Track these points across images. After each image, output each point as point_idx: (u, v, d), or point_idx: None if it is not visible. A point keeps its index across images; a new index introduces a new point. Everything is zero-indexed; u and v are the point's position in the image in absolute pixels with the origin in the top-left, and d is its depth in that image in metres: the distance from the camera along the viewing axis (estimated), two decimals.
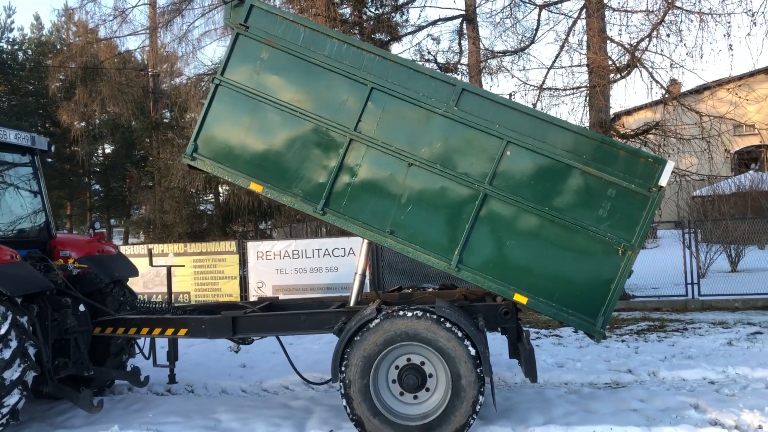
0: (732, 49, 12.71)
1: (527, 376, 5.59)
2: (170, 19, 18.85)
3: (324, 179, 5.81)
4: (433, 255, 5.68)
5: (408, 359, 5.55)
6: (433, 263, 5.69)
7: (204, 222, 19.93)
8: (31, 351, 5.81)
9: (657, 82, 13.07)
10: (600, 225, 5.48)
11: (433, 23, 16.75)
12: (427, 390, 5.55)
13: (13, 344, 5.59)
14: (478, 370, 5.30)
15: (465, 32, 16.24)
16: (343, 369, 5.46)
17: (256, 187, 5.93)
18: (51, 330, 6.25)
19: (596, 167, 5.48)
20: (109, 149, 37.68)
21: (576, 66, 14.56)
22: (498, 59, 15.96)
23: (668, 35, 12.80)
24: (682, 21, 12.70)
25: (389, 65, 5.78)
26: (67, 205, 36.10)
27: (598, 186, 5.50)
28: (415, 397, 5.55)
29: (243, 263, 14.50)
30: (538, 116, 5.75)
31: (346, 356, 5.47)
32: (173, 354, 6.89)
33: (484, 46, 16.29)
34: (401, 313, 5.45)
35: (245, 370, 8.54)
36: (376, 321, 5.45)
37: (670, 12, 12.64)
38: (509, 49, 15.97)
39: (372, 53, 5.83)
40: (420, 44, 20.82)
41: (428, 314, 5.41)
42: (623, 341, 9.54)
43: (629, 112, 19.28)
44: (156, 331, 6.50)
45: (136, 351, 7.42)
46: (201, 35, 19.30)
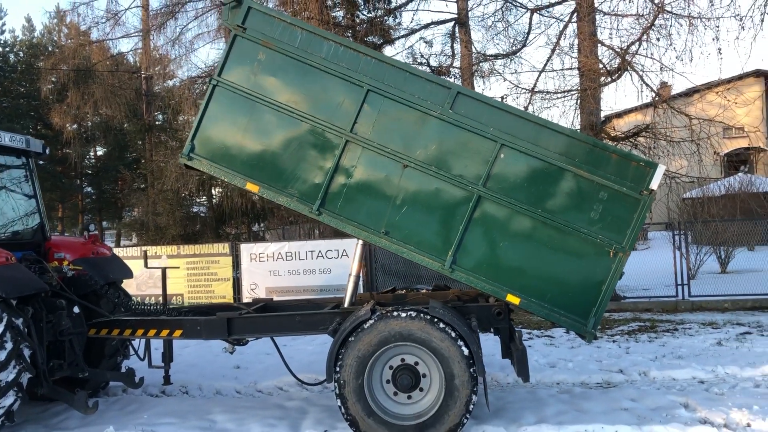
0: (721, 53, 12.86)
1: (520, 376, 5.63)
2: (163, 22, 18.82)
3: (320, 180, 5.85)
4: (428, 256, 5.73)
5: (402, 359, 5.59)
6: (428, 264, 5.74)
7: (197, 224, 19.85)
8: (27, 353, 5.82)
9: (647, 86, 13.21)
10: (592, 227, 5.55)
11: (426, 26, 16.82)
12: (421, 390, 5.59)
13: (9, 346, 5.61)
14: (471, 370, 5.35)
15: (457, 35, 16.33)
16: (338, 369, 5.50)
17: (253, 188, 5.96)
18: (46, 332, 6.26)
19: (588, 170, 5.55)
20: (102, 151, 37.54)
21: (567, 69, 14.69)
22: (490, 62, 16.07)
23: (658, 39, 12.96)
24: (672, 25, 12.86)
25: (385, 68, 5.83)
26: (59, 208, 35.96)
27: (590, 189, 5.57)
28: (409, 397, 5.59)
29: (236, 265, 14.48)
30: (532, 119, 5.82)
31: (341, 357, 5.51)
32: (168, 355, 6.89)
33: (476, 50, 16.39)
34: (395, 314, 5.50)
35: (239, 372, 8.56)
36: (371, 322, 5.49)
37: (660, 16, 12.77)
38: (501, 53, 16.09)
39: (368, 56, 5.88)
40: (412, 47, 20.84)
41: (422, 315, 5.46)
42: (614, 342, 9.62)
43: (620, 115, 19.46)
44: (151, 333, 6.51)
45: (131, 352, 7.42)
46: (194, 38, 19.23)
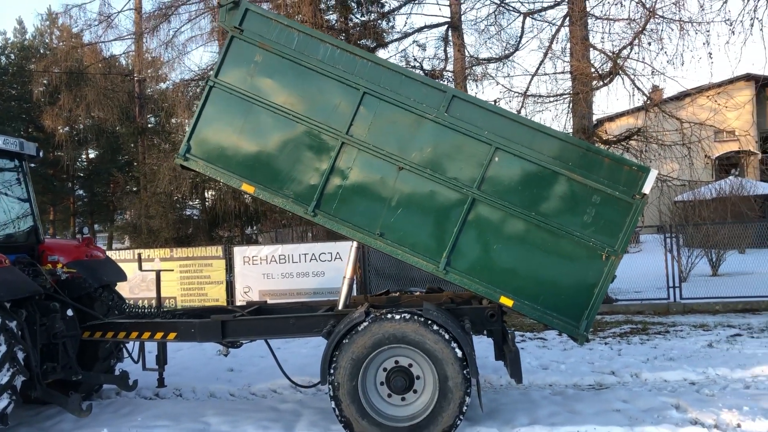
0: (711, 57, 13.09)
1: (513, 378, 5.66)
2: (156, 25, 18.79)
3: (315, 181, 5.87)
4: (422, 258, 5.75)
5: (396, 361, 5.61)
6: (422, 266, 5.76)
7: (190, 227, 19.81)
8: (20, 355, 5.79)
9: (639, 89, 13.33)
10: (584, 230, 5.59)
11: (419, 30, 16.91)
12: (415, 392, 5.60)
13: (2, 349, 5.59)
14: (465, 372, 5.38)
15: (450, 39, 16.41)
16: (332, 371, 5.51)
17: (248, 188, 5.97)
18: (39, 334, 6.24)
19: (581, 174, 5.59)
20: (94, 154, 37.35)
21: (560, 73, 14.80)
22: (483, 66, 16.15)
23: (650, 43, 13.10)
24: (663, 29, 13.01)
25: (381, 71, 5.86)
26: (51, 210, 35.73)
27: (583, 192, 5.62)
28: (403, 399, 5.61)
29: (229, 268, 14.48)
30: (526, 123, 5.87)
31: (335, 359, 5.52)
32: (162, 358, 6.87)
33: (469, 53, 16.50)
34: (389, 316, 5.52)
35: (233, 374, 8.55)
36: (365, 324, 5.51)
37: (652, 20, 12.91)
38: (494, 57, 16.19)
39: (365, 59, 5.91)
40: (406, 51, 20.97)
41: (416, 317, 5.49)
42: (606, 344, 9.68)
43: (612, 119, 19.59)
44: (145, 335, 6.51)
45: (125, 355, 7.41)
46: (187, 40, 19.22)
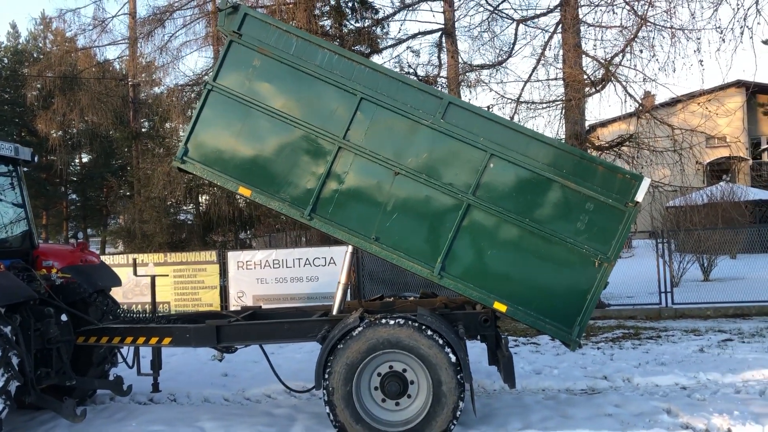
0: (702, 64, 13.20)
1: (506, 383, 5.72)
2: (151, 30, 18.80)
3: (312, 185, 5.92)
4: (417, 262, 5.80)
5: (390, 366, 5.65)
6: (417, 270, 5.81)
7: (184, 232, 19.80)
8: (15, 360, 5.79)
9: (631, 96, 13.44)
10: (578, 237, 5.66)
11: (413, 37, 16.98)
12: (409, 396, 5.64)
13: None
14: (459, 377, 5.42)
15: (444, 46, 16.50)
16: (327, 376, 5.55)
17: (245, 192, 6.01)
18: (34, 340, 6.23)
19: (575, 182, 5.66)
20: (87, 158, 37.25)
21: (552, 80, 14.87)
22: (476, 72, 16.21)
23: (641, 50, 13.21)
24: (655, 37, 13.13)
25: (379, 77, 5.92)
26: (43, 215, 35.58)
27: (577, 200, 5.68)
28: (397, 404, 5.65)
29: (223, 273, 14.45)
30: (521, 131, 5.93)
31: (330, 364, 5.56)
32: (157, 363, 6.90)
33: (463, 60, 16.57)
34: (383, 321, 5.56)
35: (227, 379, 8.56)
36: (359, 329, 5.55)
37: (643, 28, 13.03)
38: (487, 63, 16.25)
39: (362, 65, 5.97)
40: (400, 57, 21.01)
41: (410, 322, 5.53)
42: (599, 349, 9.73)
43: (604, 125, 19.70)
44: (140, 340, 6.52)
45: (119, 360, 7.41)
46: (181, 45, 19.25)
